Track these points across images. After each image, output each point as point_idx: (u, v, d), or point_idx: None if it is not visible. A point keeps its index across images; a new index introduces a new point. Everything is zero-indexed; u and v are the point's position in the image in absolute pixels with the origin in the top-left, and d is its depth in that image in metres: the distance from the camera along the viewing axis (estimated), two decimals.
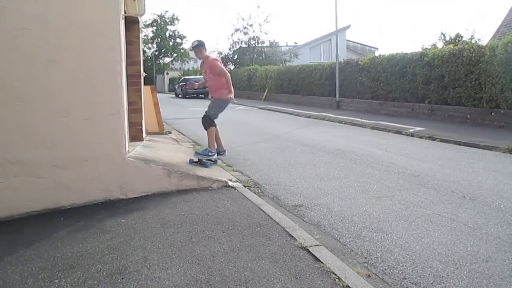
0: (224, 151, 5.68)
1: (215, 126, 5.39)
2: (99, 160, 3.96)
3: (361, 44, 38.17)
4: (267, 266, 2.61)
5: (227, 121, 13.04)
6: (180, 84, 31.66)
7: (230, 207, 3.83)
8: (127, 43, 5.34)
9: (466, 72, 9.86)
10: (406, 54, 12.24)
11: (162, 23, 48.97)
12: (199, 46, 5.48)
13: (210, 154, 5.31)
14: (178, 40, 50.18)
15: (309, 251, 2.82)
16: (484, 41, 17.33)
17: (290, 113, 14.55)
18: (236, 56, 32.40)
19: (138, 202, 4.00)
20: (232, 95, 5.53)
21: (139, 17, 6.56)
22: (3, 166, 3.66)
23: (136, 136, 6.26)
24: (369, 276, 2.60)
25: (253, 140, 8.40)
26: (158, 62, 49.59)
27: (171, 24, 49.63)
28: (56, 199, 3.84)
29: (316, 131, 9.79)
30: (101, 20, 3.94)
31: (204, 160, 5.30)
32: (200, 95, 28.56)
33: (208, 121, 5.37)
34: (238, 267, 2.61)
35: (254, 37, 30.94)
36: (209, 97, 5.62)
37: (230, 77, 5.49)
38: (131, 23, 6.29)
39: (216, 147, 5.45)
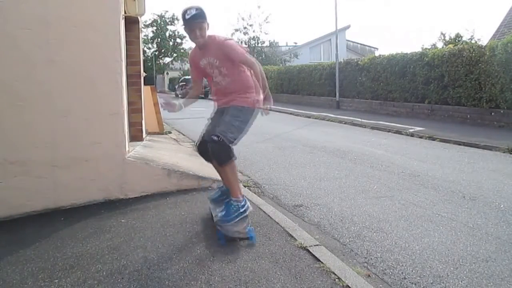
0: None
1: (235, 157, 3.15)
2: (99, 160, 3.96)
3: (361, 44, 38.18)
4: (267, 266, 2.61)
5: None
6: (180, 84, 31.66)
7: None
8: (127, 43, 5.33)
9: (466, 72, 9.87)
10: (406, 54, 12.25)
11: (162, 23, 48.97)
12: (201, 18, 3.02)
13: (240, 208, 3.08)
14: (178, 40, 50.19)
15: (309, 251, 2.82)
16: (484, 41, 17.35)
17: (290, 113, 14.55)
18: None
19: (138, 202, 4.00)
20: (261, 99, 3.26)
21: (139, 17, 6.56)
22: (3, 166, 3.66)
23: (136, 136, 6.26)
24: (369, 276, 2.60)
25: (253, 139, 8.39)
26: (158, 62, 49.59)
27: (171, 24, 49.65)
28: (56, 199, 3.84)
29: (316, 131, 9.80)
30: (101, 20, 3.94)
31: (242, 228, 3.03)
32: (200, 95, 28.55)
33: (224, 151, 3.04)
34: (238, 267, 2.61)
35: (254, 37, 30.95)
36: (205, 96, 3.58)
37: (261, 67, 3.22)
38: (131, 23, 6.29)
39: (233, 191, 3.17)
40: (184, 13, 3.05)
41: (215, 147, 3.04)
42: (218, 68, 3.16)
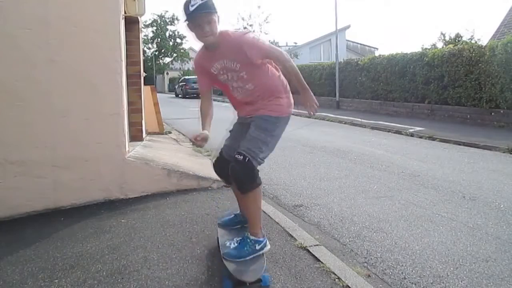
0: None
1: (261, 183, 2.51)
2: (99, 160, 3.96)
3: (361, 44, 38.14)
4: (267, 266, 2.61)
5: (226, 121, 13.04)
6: (180, 84, 31.65)
7: (230, 207, 3.82)
8: (127, 43, 5.33)
9: (466, 72, 9.87)
10: (406, 54, 12.26)
11: (162, 23, 49.00)
12: (209, 8, 2.35)
13: (255, 246, 2.48)
14: (178, 40, 50.25)
15: (309, 251, 2.82)
16: (484, 41, 17.33)
17: None
18: None
19: (138, 202, 4.00)
20: (292, 103, 2.70)
21: (139, 17, 6.55)
22: (3, 166, 3.66)
23: (136, 136, 6.26)
24: (369, 276, 2.60)
25: None
26: (158, 62, 49.60)
27: (171, 24, 49.67)
28: (56, 199, 3.83)
29: (316, 131, 9.80)
30: (101, 20, 3.93)
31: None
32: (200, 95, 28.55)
33: (249, 175, 2.42)
34: None
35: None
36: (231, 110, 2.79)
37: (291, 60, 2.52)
38: (131, 23, 6.28)
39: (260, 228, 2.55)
40: (187, 5, 2.35)
41: (238, 169, 2.40)
42: (236, 72, 2.48)
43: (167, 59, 51.61)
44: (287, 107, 2.65)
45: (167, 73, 50.70)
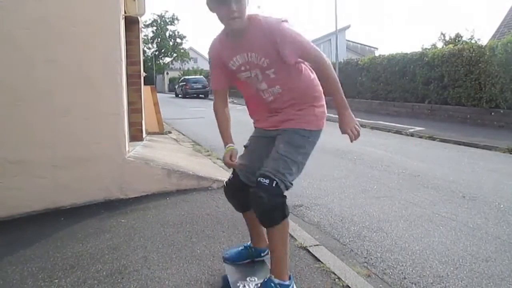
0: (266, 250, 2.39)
1: (289, 213, 2.04)
2: (99, 160, 3.96)
3: (361, 44, 38.12)
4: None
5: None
6: (180, 84, 31.66)
7: (230, 207, 3.78)
8: (127, 43, 5.33)
9: (466, 72, 9.88)
10: (406, 54, 12.26)
11: (162, 23, 49.03)
12: None
13: None
14: (178, 40, 50.29)
15: (309, 251, 2.82)
16: (484, 41, 17.32)
17: None
18: None
19: (138, 202, 4.00)
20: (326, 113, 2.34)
21: (139, 17, 6.56)
22: (3, 166, 3.66)
23: (136, 136, 6.26)
24: (369, 276, 2.60)
25: None
26: (158, 62, 49.61)
27: (171, 24, 49.71)
28: (56, 199, 3.83)
29: None
30: (101, 20, 3.93)
31: None
32: (200, 95, 28.57)
33: (279, 202, 1.96)
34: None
35: None
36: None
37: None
38: (131, 23, 6.28)
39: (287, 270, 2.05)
40: None
41: (263, 196, 1.89)
42: (263, 70, 1.97)
43: (167, 59, 51.62)
44: (322, 118, 2.20)
45: (167, 73, 50.67)
